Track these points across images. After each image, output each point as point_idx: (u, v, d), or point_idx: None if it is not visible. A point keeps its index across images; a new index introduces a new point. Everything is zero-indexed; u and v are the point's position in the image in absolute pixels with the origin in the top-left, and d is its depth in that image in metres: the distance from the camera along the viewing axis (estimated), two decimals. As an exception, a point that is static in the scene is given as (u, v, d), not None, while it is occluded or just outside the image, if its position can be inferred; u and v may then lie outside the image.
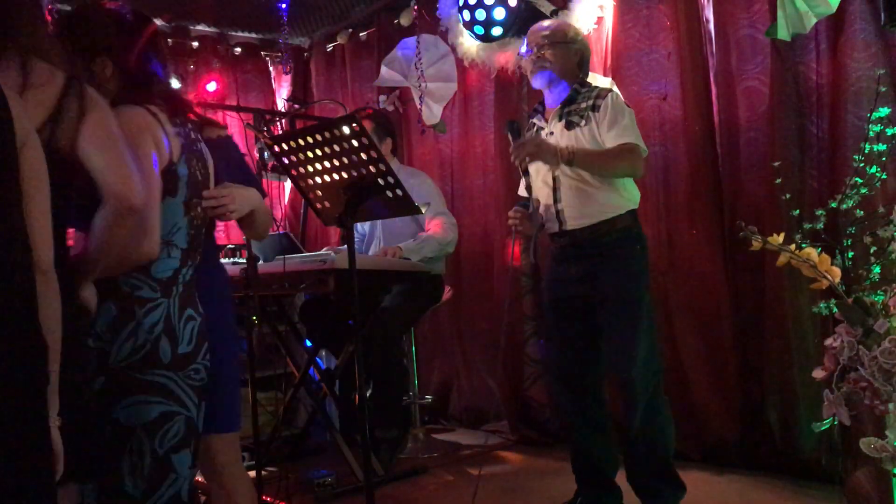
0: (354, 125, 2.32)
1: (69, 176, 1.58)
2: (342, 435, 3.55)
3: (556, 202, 2.78)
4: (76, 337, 1.62)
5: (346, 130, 2.35)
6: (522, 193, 2.91)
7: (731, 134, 3.32)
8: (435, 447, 4.05)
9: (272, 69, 5.58)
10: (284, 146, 2.56)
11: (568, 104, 2.77)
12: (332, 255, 3.25)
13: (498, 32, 4.02)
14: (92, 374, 1.74)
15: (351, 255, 2.47)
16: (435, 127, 4.64)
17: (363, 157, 2.39)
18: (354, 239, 2.93)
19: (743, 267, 3.29)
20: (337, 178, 2.49)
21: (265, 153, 3.20)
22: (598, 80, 3.70)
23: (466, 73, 4.47)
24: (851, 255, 2.46)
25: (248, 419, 3.02)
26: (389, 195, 2.47)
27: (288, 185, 5.09)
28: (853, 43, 2.93)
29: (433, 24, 4.46)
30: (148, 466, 1.79)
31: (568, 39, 2.83)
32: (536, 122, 2.91)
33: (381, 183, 2.44)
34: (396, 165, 4.06)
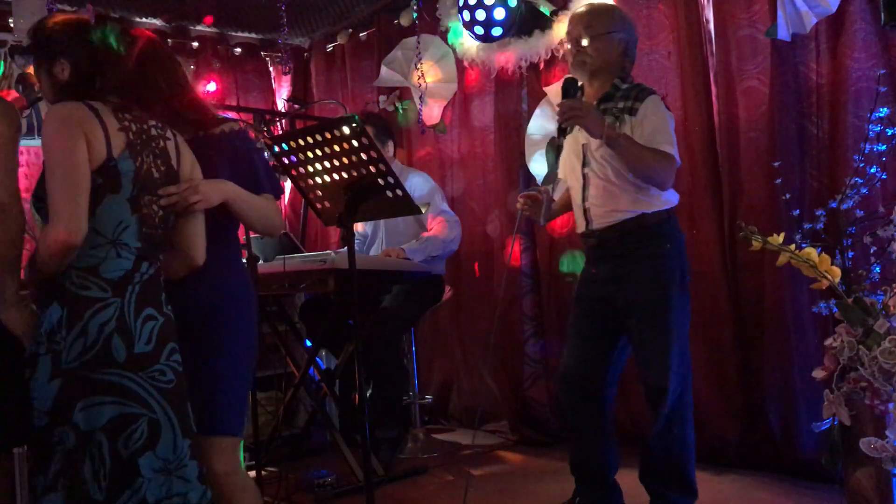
0: (354, 125, 2.32)
1: None
2: (342, 435, 3.55)
3: (584, 200, 2.68)
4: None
5: (346, 130, 2.35)
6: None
7: (731, 134, 3.32)
8: (435, 447, 4.04)
9: (272, 69, 5.58)
10: (284, 146, 2.56)
11: (604, 101, 2.64)
12: (332, 255, 3.25)
13: (498, 32, 4.02)
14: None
15: (351, 255, 2.47)
16: (435, 127, 4.64)
17: (363, 157, 2.39)
18: (356, 241, 2.94)
19: (743, 267, 3.29)
20: (337, 178, 2.49)
21: (265, 153, 3.20)
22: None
23: (466, 73, 4.47)
24: (851, 255, 2.46)
25: (248, 419, 3.02)
26: (389, 195, 2.47)
27: (288, 185, 5.09)
28: (853, 43, 2.93)
29: (433, 24, 4.46)
30: (111, 470, 1.77)
31: (611, 29, 2.64)
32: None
33: (381, 183, 2.44)
34: (399, 167, 4.07)
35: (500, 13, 3.98)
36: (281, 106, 5.43)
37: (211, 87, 4.84)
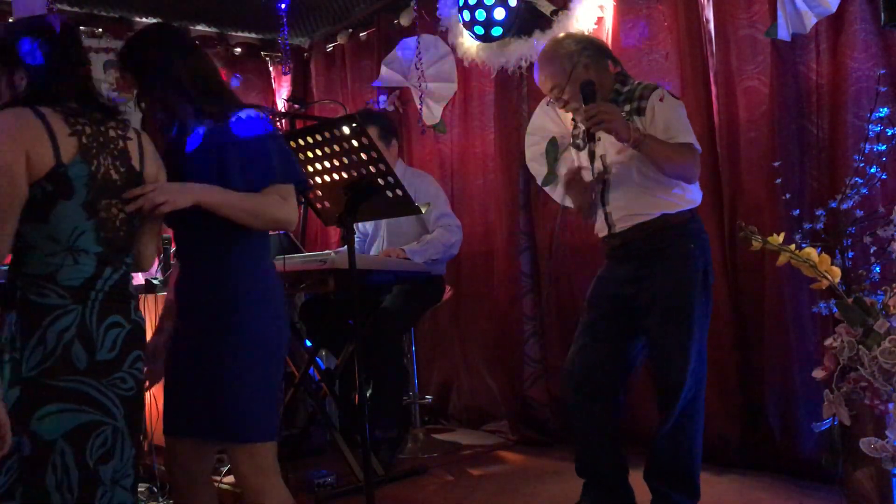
0: (354, 125, 2.32)
1: None
2: (342, 435, 3.55)
3: (604, 205, 2.66)
4: None
5: (346, 130, 2.35)
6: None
7: (731, 134, 3.32)
8: (435, 447, 4.04)
9: (272, 69, 5.58)
10: (284, 146, 2.56)
11: None
12: (332, 255, 3.25)
13: (498, 32, 4.02)
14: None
15: (351, 255, 2.47)
16: (435, 127, 4.64)
17: (363, 157, 2.39)
18: (356, 238, 2.94)
19: (743, 267, 3.29)
20: (337, 178, 2.49)
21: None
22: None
23: (466, 73, 4.47)
24: (851, 255, 2.46)
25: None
26: (389, 195, 2.47)
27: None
28: (853, 43, 2.93)
29: (433, 24, 4.46)
30: (76, 480, 1.76)
31: (570, 70, 2.60)
32: (580, 121, 2.74)
33: (381, 183, 2.44)
34: (402, 167, 4.07)
35: (500, 13, 3.98)
36: (281, 106, 5.43)
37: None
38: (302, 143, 2.49)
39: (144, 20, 4.88)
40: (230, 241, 2.03)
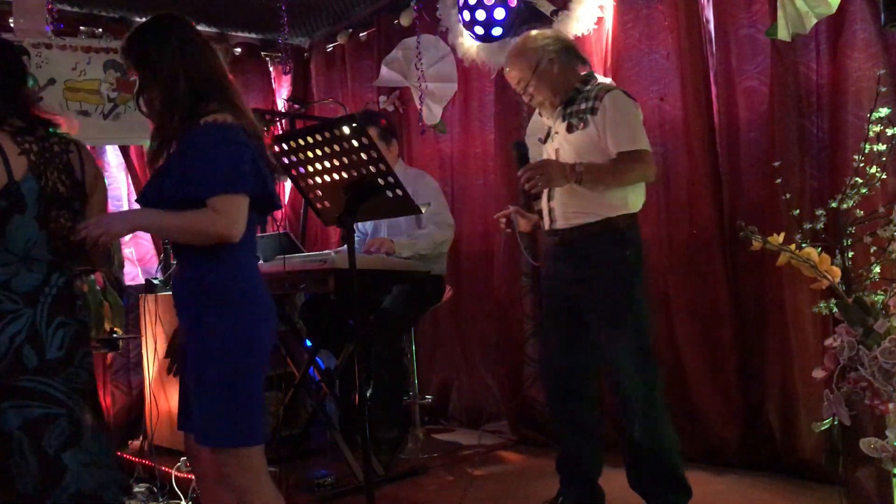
0: (354, 125, 2.31)
1: None
2: (342, 435, 3.55)
3: (549, 200, 2.76)
4: None
5: (346, 130, 2.35)
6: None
7: (731, 134, 3.32)
8: (435, 447, 4.04)
9: (272, 69, 5.58)
10: (284, 146, 2.56)
11: (569, 104, 2.74)
12: (332, 254, 3.25)
13: (498, 32, 4.02)
14: None
15: (351, 255, 2.47)
16: (435, 127, 4.64)
17: (363, 156, 2.39)
18: (356, 238, 2.94)
19: (743, 267, 3.28)
20: (337, 178, 2.49)
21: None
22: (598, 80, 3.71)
23: (466, 73, 4.47)
24: (851, 255, 2.46)
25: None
26: (389, 195, 2.47)
27: (288, 185, 5.10)
28: (853, 43, 2.93)
29: (433, 24, 4.46)
30: (37, 467, 1.92)
31: (536, 62, 2.70)
32: (545, 119, 2.86)
33: (381, 183, 2.44)
34: (402, 167, 4.07)
35: (500, 13, 3.98)
36: (281, 106, 5.43)
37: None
38: (302, 143, 2.49)
39: (143, 20, 4.87)
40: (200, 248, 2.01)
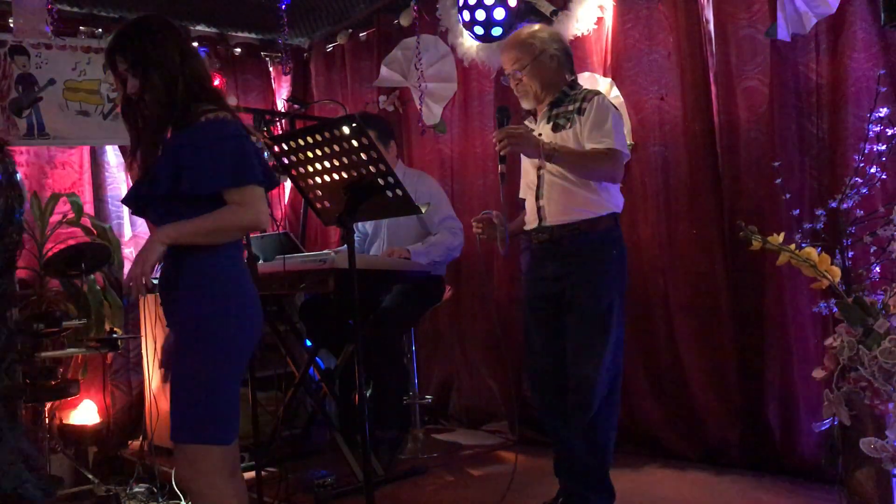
0: (354, 125, 2.32)
1: None
2: (342, 435, 3.55)
3: (538, 199, 2.77)
4: None
5: (345, 130, 2.35)
6: (523, 196, 2.91)
7: (731, 134, 3.32)
8: (435, 447, 4.04)
9: (272, 69, 5.58)
10: (284, 146, 2.56)
11: (555, 106, 2.78)
12: (332, 254, 3.25)
13: (498, 32, 4.02)
14: None
15: (351, 255, 2.47)
16: (435, 127, 4.64)
17: (363, 156, 2.39)
18: (355, 238, 2.94)
19: (743, 267, 3.28)
20: (337, 177, 2.49)
21: (265, 153, 3.20)
22: (598, 80, 3.71)
23: (466, 73, 4.47)
24: (851, 255, 2.46)
25: (247, 419, 3.02)
26: (389, 195, 2.47)
27: (288, 185, 5.10)
28: (853, 43, 2.93)
29: (433, 24, 4.46)
30: None
31: (537, 53, 2.76)
32: (528, 123, 2.90)
33: (380, 183, 2.44)
34: (402, 168, 4.07)
35: (500, 13, 3.98)
36: (281, 106, 5.43)
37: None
38: (302, 143, 2.49)
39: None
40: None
